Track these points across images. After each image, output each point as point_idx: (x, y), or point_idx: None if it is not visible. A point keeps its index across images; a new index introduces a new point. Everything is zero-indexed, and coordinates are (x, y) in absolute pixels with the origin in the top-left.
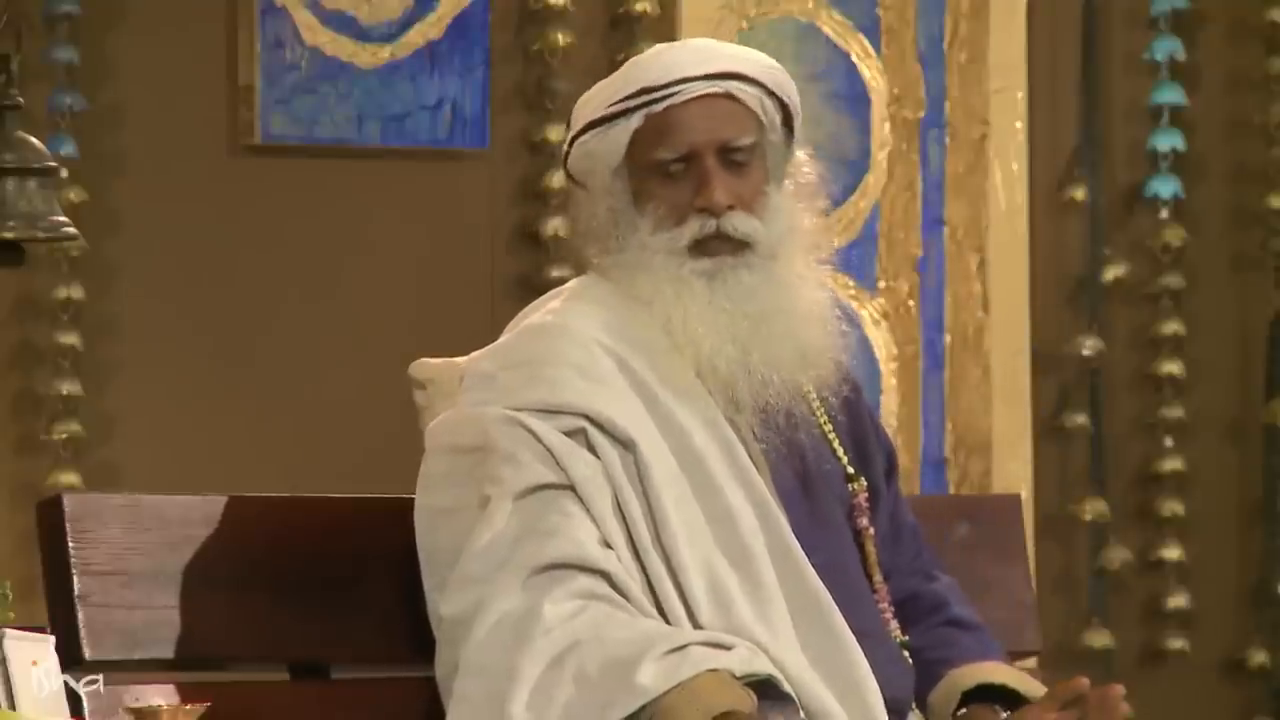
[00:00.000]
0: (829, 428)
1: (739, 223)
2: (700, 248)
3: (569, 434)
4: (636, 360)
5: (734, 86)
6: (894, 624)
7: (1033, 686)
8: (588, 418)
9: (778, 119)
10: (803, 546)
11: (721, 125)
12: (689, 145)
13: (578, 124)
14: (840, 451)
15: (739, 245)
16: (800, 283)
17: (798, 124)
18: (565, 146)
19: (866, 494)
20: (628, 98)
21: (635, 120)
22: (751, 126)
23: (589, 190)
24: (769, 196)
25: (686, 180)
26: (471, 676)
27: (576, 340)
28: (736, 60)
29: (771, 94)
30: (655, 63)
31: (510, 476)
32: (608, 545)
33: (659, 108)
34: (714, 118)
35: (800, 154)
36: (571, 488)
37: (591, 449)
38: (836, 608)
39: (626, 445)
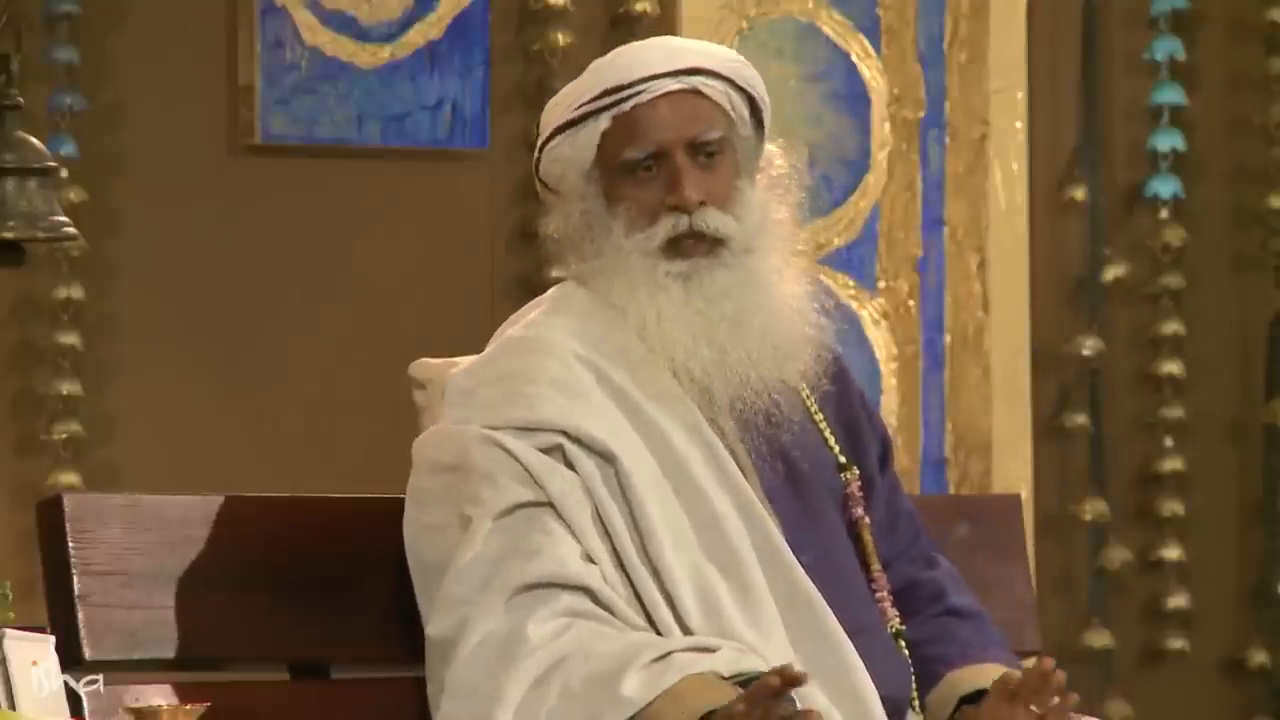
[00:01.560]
0: (819, 418)
1: (711, 219)
2: (674, 247)
3: (546, 451)
4: (615, 370)
5: (700, 82)
6: (892, 614)
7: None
8: (565, 434)
9: (746, 113)
10: (793, 545)
11: (689, 121)
12: (657, 143)
13: (546, 130)
14: (831, 441)
15: (713, 243)
16: (777, 277)
17: (767, 118)
18: (535, 154)
19: (859, 483)
20: (594, 99)
21: (603, 121)
22: (720, 121)
23: (561, 196)
24: (741, 191)
25: (657, 179)
26: (457, 698)
27: (554, 354)
28: (701, 55)
29: (738, 88)
30: (619, 62)
31: (489, 497)
32: (590, 560)
33: (626, 107)
34: (681, 114)
35: (771, 147)
36: (550, 505)
37: (569, 465)
38: (828, 608)
39: (606, 458)
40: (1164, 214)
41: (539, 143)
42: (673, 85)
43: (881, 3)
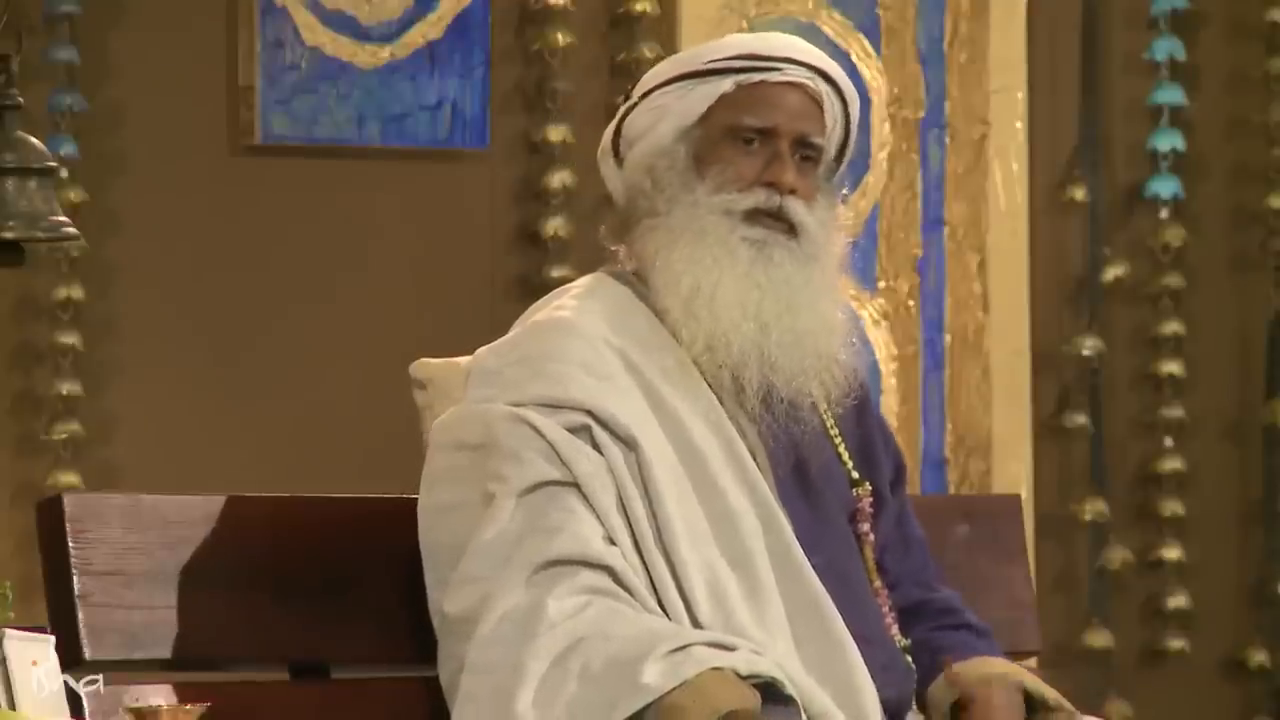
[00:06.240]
0: (835, 433)
1: (798, 208)
2: (755, 218)
3: (573, 430)
4: (641, 357)
5: (826, 91)
6: (895, 629)
7: (1032, 680)
8: (592, 414)
9: (835, 147)
10: (804, 546)
11: (806, 118)
12: (774, 122)
13: (660, 77)
14: (845, 456)
15: (792, 229)
16: (828, 295)
17: (848, 157)
18: (629, 101)
19: (871, 499)
20: (729, 58)
21: (726, 84)
22: (823, 134)
23: (625, 159)
24: (819, 204)
25: (758, 155)
26: (477, 674)
27: (583, 337)
28: (835, 71)
29: (845, 118)
30: (763, 37)
31: (513, 474)
32: (611, 541)
33: (755, 78)
34: (801, 108)
35: (839, 197)
36: (575, 484)
37: (595, 446)
38: (836, 611)
39: (629, 444)
40: (1164, 214)
41: (637, 93)
42: (805, 78)
43: (881, 3)
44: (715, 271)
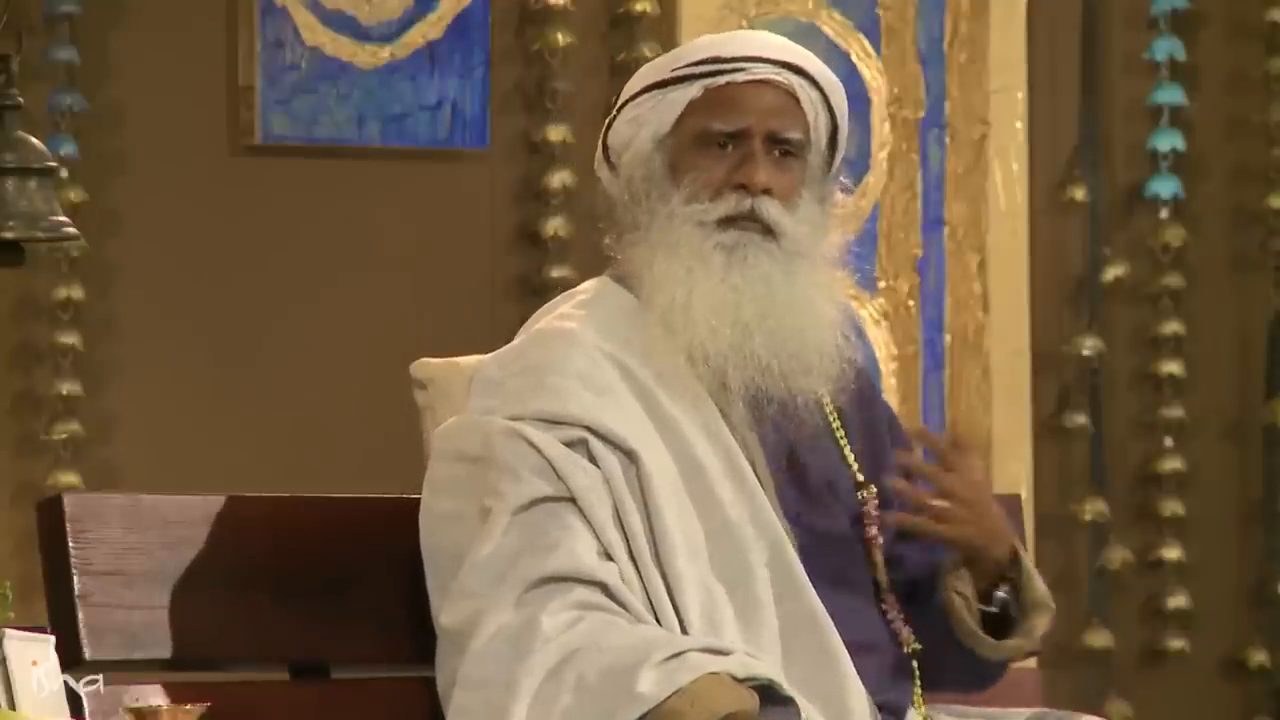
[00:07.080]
0: (840, 433)
1: (772, 209)
2: (729, 223)
3: (570, 444)
4: (641, 368)
5: (799, 83)
6: (905, 633)
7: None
8: (589, 429)
9: (824, 136)
10: (805, 556)
11: (776, 114)
12: (743, 124)
13: (633, 89)
14: (850, 459)
15: (767, 230)
16: (817, 290)
17: (841, 148)
18: (612, 114)
19: (877, 501)
20: (693, 64)
21: (694, 90)
22: (802, 127)
23: (618, 168)
24: (804, 200)
25: (730, 158)
26: (471, 690)
27: (583, 348)
28: (806, 60)
29: (828, 108)
30: (728, 38)
31: (510, 490)
32: (608, 557)
33: (721, 80)
34: (772, 105)
35: (842, 181)
36: (571, 499)
37: (592, 459)
38: (834, 625)
39: (629, 455)
40: (1164, 214)
41: (618, 105)
42: (772, 74)
43: (881, 3)
44: (689, 283)
